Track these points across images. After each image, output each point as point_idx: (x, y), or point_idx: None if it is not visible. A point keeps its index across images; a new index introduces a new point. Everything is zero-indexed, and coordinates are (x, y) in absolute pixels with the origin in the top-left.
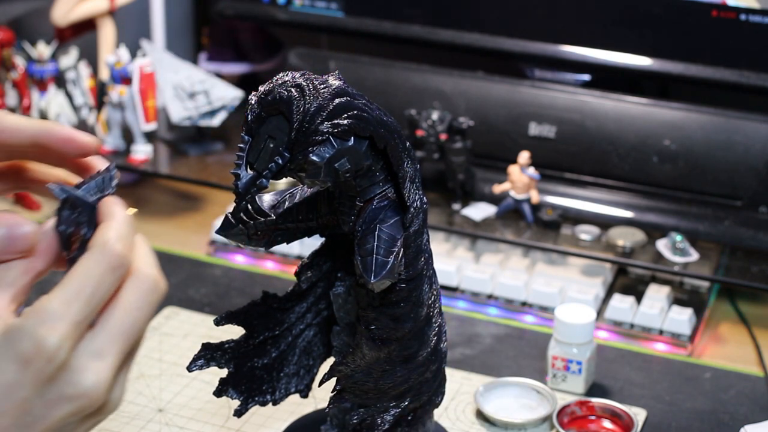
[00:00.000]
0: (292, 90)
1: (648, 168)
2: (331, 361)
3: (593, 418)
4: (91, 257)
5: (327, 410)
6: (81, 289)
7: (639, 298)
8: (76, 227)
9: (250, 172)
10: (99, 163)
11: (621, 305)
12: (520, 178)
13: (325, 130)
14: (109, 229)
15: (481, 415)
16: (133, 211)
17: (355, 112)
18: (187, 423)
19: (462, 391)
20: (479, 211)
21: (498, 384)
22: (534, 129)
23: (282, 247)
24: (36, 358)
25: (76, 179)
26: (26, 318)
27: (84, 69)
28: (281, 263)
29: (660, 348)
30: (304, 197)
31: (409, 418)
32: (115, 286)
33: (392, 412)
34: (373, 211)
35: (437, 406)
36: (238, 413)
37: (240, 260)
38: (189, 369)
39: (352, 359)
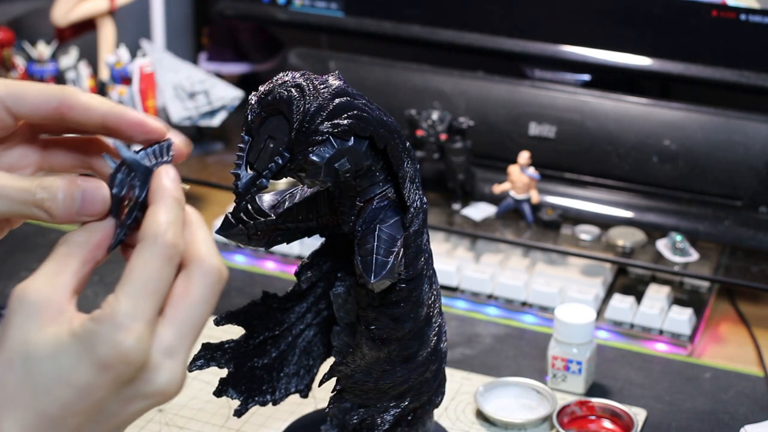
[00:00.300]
0: (292, 90)
1: (648, 168)
2: (331, 361)
3: (593, 418)
4: (146, 250)
5: (327, 410)
6: (145, 285)
7: (639, 298)
8: (129, 190)
9: (250, 172)
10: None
11: (621, 305)
12: (520, 178)
13: (325, 130)
14: (159, 216)
15: (481, 415)
16: (186, 187)
17: (355, 112)
18: (187, 423)
19: (462, 391)
20: (479, 211)
21: (498, 384)
22: (534, 129)
23: (282, 247)
24: (115, 362)
25: None
26: (100, 323)
27: (84, 69)
28: (281, 263)
29: (660, 348)
30: (304, 197)
31: (409, 418)
32: (173, 275)
33: (392, 412)
34: (373, 211)
35: (437, 406)
36: (238, 413)
37: (240, 260)
38: (189, 369)
39: (352, 359)
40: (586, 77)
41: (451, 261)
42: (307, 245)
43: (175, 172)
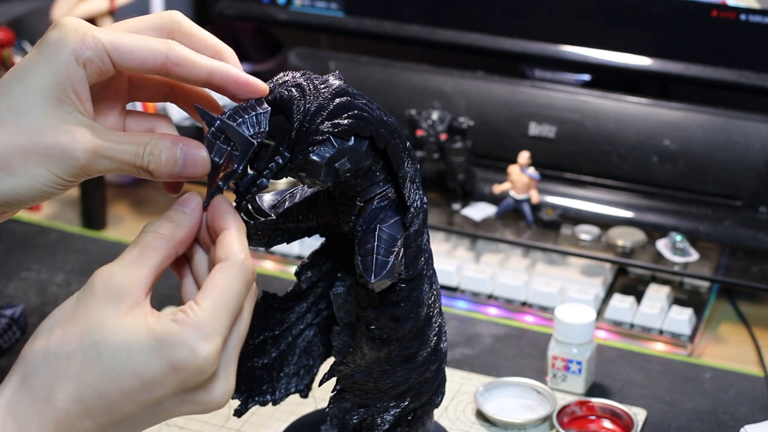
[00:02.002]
0: (293, 90)
1: (648, 168)
2: (331, 361)
3: (593, 418)
4: (230, 271)
5: (327, 410)
6: (228, 304)
7: (639, 298)
8: (228, 160)
9: (250, 171)
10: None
11: (621, 305)
12: (520, 178)
13: (326, 130)
14: (235, 243)
15: (481, 415)
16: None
17: (356, 111)
18: (187, 423)
19: (462, 391)
20: (479, 211)
21: (498, 384)
22: (534, 129)
23: (282, 247)
24: (188, 368)
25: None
26: (184, 327)
27: None
28: (281, 263)
29: (660, 348)
30: (304, 197)
31: (409, 418)
32: (245, 298)
33: (392, 412)
34: (373, 211)
35: (437, 406)
36: (238, 413)
37: None
38: None
39: (352, 359)
40: (586, 77)
41: (451, 261)
42: (307, 245)
43: (232, 205)
